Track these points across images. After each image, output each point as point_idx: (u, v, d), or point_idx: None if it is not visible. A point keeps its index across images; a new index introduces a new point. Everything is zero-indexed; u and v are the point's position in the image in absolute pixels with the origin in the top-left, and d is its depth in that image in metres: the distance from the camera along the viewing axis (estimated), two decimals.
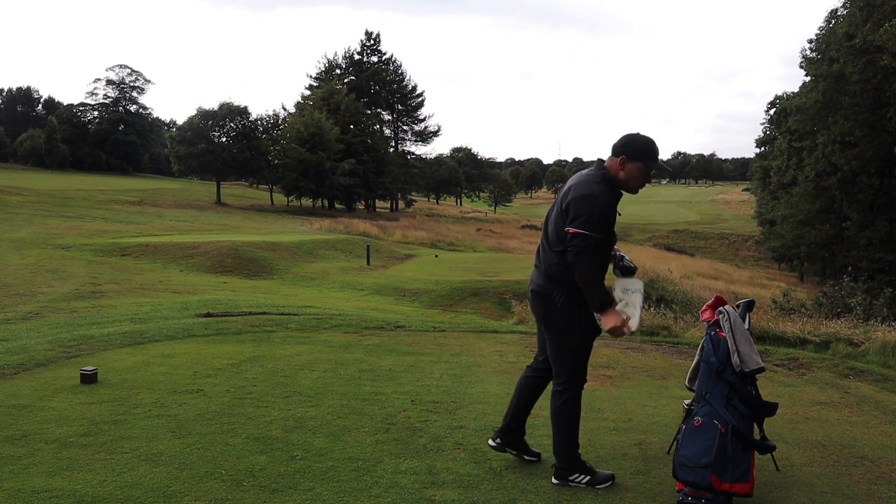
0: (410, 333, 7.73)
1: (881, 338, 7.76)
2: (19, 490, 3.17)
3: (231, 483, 3.34)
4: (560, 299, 3.26)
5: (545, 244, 3.36)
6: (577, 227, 3.05)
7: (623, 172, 3.21)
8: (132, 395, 4.73)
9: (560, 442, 3.38)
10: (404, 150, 72.64)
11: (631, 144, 3.19)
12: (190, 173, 58.32)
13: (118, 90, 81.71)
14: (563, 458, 3.39)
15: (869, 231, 34.99)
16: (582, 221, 3.05)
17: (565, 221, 3.15)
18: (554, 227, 3.27)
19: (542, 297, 3.33)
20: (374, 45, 68.85)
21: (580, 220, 3.05)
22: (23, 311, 10.23)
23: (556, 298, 3.27)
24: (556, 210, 3.30)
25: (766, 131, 58.70)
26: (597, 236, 3.06)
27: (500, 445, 3.63)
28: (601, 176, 3.20)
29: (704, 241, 70.29)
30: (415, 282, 18.15)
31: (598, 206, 3.08)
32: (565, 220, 3.16)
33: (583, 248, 3.03)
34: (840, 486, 3.54)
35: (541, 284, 3.34)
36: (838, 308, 15.89)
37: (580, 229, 3.04)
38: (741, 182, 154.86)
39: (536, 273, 3.41)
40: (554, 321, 3.32)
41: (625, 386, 5.52)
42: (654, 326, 9.17)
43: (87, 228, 25.93)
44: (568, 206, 3.13)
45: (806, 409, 4.99)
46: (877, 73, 30.60)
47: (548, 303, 3.31)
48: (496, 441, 3.63)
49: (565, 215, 3.15)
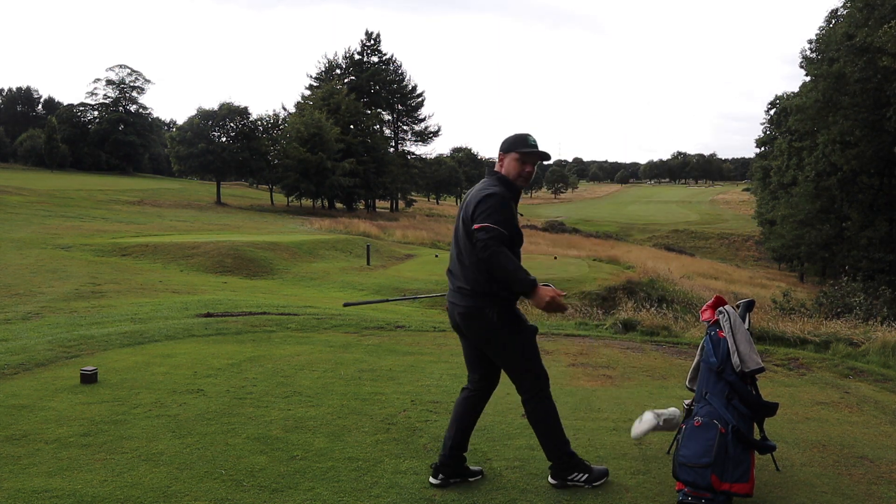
0: (410, 333, 7.73)
1: (881, 338, 7.75)
2: (19, 490, 3.17)
3: (231, 483, 3.34)
4: (494, 314, 3.19)
5: (462, 263, 3.25)
6: (481, 221, 3.07)
7: (504, 168, 3.33)
8: (132, 395, 4.73)
9: (549, 444, 3.37)
10: (404, 150, 72.64)
11: (504, 141, 3.37)
12: (190, 173, 58.31)
13: (118, 90, 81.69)
14: (558, 457, 3.37)
15: (869, 231, 34.99)
16: (486, 216, 3.08)
17: (470, 231, 3.15)
18: (465, 242, 3.21)
19: (474, 318, 3.23)
20: (375, 45, 68.85)
21: (483, 215, 3.09)
22: (23, 311, 10.22)
23: (489, 315, 3.19)
24: (461, 226, 3.26)
25: (766, 131, 58.75)
26: (501, 230, 3.06)
27: (444, 481, 3.36)
28: (496, 179, 3.30)
29: (704, 241, 70.30)
30: (415, 282, 18.15)
31: (498, 203, 3.13)
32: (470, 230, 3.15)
33: (490, 239, 3.03)
34: (840, 486, 3.53)
35: (470, 306, 3.22)
36: (838, 308, 15.88)
37: (485, 223, 3.06)
38: (741, 182, 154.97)
39: (459, 296, 3.26)
40: (495, 338, 3.25)
41: (625, 386, 5.52)
42: (654, 326, 9.16)
43: (87, 228, 25.92)
44: (472, 211, 3.15)
45: (806, 409, 4.99)
46: (877, 73, 30.60)
47: (482, 322, 3.21)
48: (439, 478, 3.36)
49: (471, 221, 3.15)
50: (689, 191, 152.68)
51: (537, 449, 3.91)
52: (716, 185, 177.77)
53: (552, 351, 6.90)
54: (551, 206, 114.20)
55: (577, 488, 3.37)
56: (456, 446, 3.40)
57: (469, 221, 3.17)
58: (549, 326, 9.51)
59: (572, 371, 6.01)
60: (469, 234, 3.15)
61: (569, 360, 6.45)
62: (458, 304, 3.27)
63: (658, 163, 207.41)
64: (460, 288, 3.26)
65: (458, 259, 3.29)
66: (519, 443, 4.02)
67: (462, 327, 3.32)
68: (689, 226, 79.66)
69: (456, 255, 3.32)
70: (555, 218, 77.74)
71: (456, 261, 3.31)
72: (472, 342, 3.38)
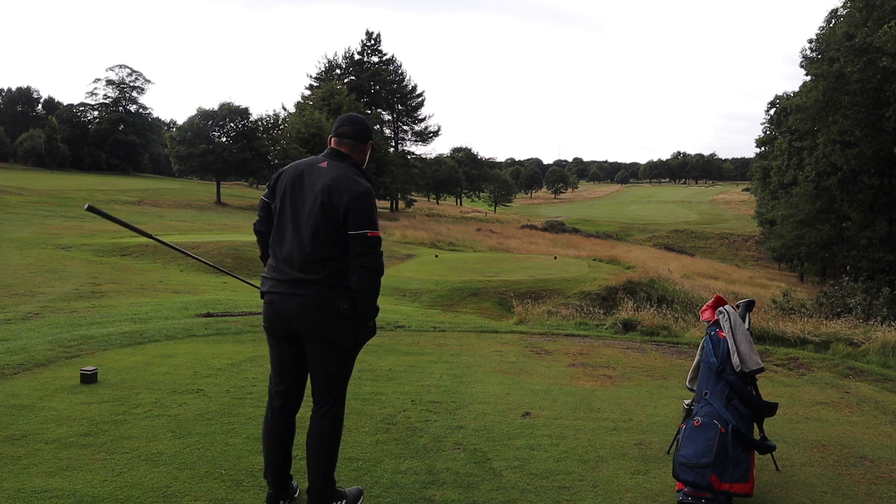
0: (410, 333, 7.72)
1: (881, 338, 7.76)
2: (19, 490, 3.16)
3: (231, 483, 3.34)
4: (345, 307, 2.87)
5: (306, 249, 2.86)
6: (371, 228, 2.83)
7: (359, 156, 3.04)
8: (132, 395, 4.73)
9: (328, 469, 3.01)
10: (404, 150, 72.65)
11: (364, 127, 3.05)
12: (190, 173, 58.27)
13: (118, 90, 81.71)
14: (329, 486, 3.02)
15: (869, 231, 34.97)
16: (371, 222, 2.85)
17: (336, 223, 2.83)
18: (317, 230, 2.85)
19: (321, 309, 2.85)
20: (375, 45, 68.87)
21: (370, 221, 2.84)
22: (23, 311, 10.22)
23: (341, 307, 2.87)
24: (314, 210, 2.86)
25: (766, 131, 58.72)
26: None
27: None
28: (358, 170, 2.98)
29: (704, 241, 70.29)
30: (415, 282, 18.15)
31: (374, 202, 2.92)
32: (336, 221, 2.83)
33: (378, 248, 2.84)
34: (840, 486, 3.54)
35: (318, 295, 2.85)
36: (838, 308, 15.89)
37: (377, 231, 2.85)
38: (741, 182, 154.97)
39: (300, 286, 2.86)
40: (339, 333, 2.91)
41: (625, 386, 5.52)
42: (654, 326, 9.16)
43: (87, 228, 25.92)
44: (345, 209, 2.81)
45: (806, 409, 4.99)
46: (877, 73, 30.58)
47: (330, 314, 2.86)
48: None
49: (342, 218, 2.82)
50: (689, 191, 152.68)
51: (537, 449, 3.92)
52: (716, 185, 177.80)
53: (552, 351, 6.91)
54: (551, 206, 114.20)
55: (576, 488, 3.37)
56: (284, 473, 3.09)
57: (336, 213, 2.82)
58: (549, 327, 9.51)
59: (572, 371, 6.01)
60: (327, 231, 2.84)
61: (569, 360, 6.45)
62: (297, 294, 2.86)
63: (658, 163, 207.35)
64: (300, 279, 2.86)
65: (300, 245, 2.87)
66: (519, 443, 4.02)
67: (300, 319, 2.87)
68: (689, 226, 79.65)
69: (297, 241, 2.88)
70: (555, 218, 77.74)
71: (295, 246, 2.88)
72: (294, 343, 2.97)
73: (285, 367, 3.05)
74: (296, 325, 2.91)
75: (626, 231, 73.63)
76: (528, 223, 63.37)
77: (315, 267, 2.87)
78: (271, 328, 3.00)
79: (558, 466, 3.66)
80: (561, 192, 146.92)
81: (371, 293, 2.88)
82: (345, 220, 2.83)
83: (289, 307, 2.90)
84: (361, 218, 2.82)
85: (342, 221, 2.83)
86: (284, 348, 3.01)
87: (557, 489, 3.37)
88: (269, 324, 3.00)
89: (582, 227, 68.04)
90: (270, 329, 3.01)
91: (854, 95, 32.39)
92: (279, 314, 2.94)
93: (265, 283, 3.04)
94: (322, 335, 2.90)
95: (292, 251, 2.91)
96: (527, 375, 5.78)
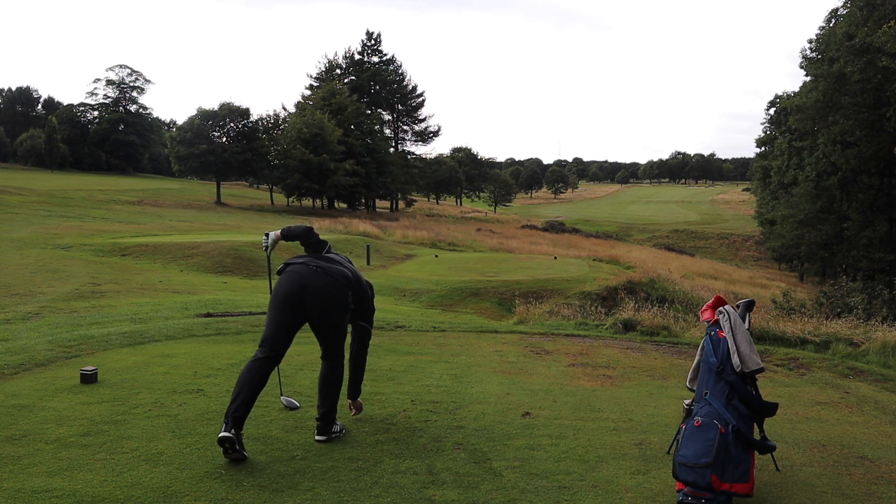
0: (410, 333, 7.72)
1: (881, 338, 7.76)
2: (19, 490, 3.16)
3: (231, 483, 3.34)
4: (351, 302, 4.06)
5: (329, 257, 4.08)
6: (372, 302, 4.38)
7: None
8: (132, 395, 4.73)
9: (332, 403, 3.97)
10: (404, 150, 72.66)
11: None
12: (190, 173, 58.33)
13: (118, 90, 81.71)
14: (332, 411, 3.97)
15: (869, 231, 34.99)
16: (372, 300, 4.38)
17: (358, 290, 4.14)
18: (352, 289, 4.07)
19: (344, 290, 3.93)
20: (375, 45, 68.86)
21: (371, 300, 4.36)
22: (23, 311, 10.22)
23: (350, 300, 4.02)
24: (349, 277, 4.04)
25: (766, 131, 58.72)
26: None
27: (240, 452, 3.55)
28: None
29: (704, 241, 70.31)
30: (415, 282, 18.15)
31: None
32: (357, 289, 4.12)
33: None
34: (840, 486, 3.54)
35: (345, 278, 3.95)
36: (838, 308, 15.89)
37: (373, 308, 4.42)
38: (741, 182, 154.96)
39: (340, 277, 3.92)
40: (345, 310, 3.99)
41: (625, 386, 5.52)
42: (655, 326, 9.16)
43: (87, 228, 25.91)
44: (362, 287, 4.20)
45: (806, 409, 4.99)
46: (877, 73, 30.58)
47: (346, 296, 3.95)
48: (232, 433, 3.52)
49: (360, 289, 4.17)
50: (689, 191, 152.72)
51: (537, 449, 3.92)
52: (716, 185, 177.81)
53: (552, 351, 6.91)
54: (551, 206, 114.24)
55: (576, 488, 3.37)
56: (248, 407, 3.67)
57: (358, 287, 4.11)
58: (549, 327, 9.51)
59: (572, 371, 6.01)
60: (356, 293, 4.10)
61: (569, 360, 6.45)
62: (331, 275, 3.88)
63: (658, 163, 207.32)
64: (340, 264, 4.04)
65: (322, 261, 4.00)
66: (519, 443, 4.02)
67: (322, 297, 3.84)
68: (689, 226, 79.68)
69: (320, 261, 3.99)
70: (555, 218, 77.77)
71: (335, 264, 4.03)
72: (303, 312, 3.84)
73: (281, 327, 3.90)
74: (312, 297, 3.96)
75: (626, 231, 73.65)
76: (528, 223, 63.40)
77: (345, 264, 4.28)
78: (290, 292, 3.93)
79: (558, 466, 3.66)
80: (561, 192, 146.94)
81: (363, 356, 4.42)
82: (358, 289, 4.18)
83: (307, 277, 3.96)
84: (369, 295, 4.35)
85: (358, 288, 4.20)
86: (293, 309, 3.96)
87: (557, 489, 3.37)
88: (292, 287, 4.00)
89: (582, 227, 68.06)
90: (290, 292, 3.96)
91: (854, 95, 32.39)
92: (297, 282, 3.92)
93: None
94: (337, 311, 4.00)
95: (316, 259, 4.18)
96: (527, 375, 5.78)
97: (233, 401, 3.64)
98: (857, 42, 30.88)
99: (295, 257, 4.00)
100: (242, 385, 3.68)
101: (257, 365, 3.75)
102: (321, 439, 3.93)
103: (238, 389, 3.67)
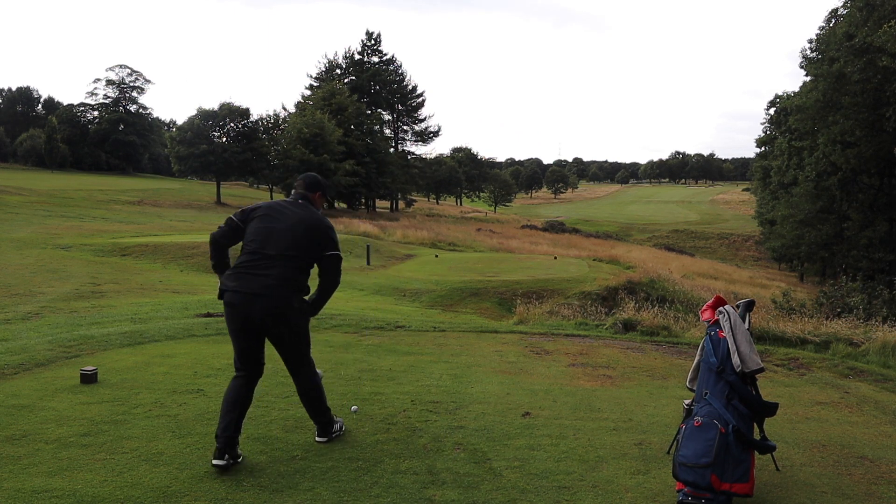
0: (410, 333, 7.72)
1: (881, 338, 7.76)
2: (19, 490, 3.17)
3: (231, 483, 3.34)
4: (298, 303, 3.74)
5: (276, 262, 3.68)
6: (336, 249, 3.87)
7: (318, 204, 4.06)
8: (132, 395, 4.73)
9: (324, 409, 3.95)
10: (404, 150, 72.63)
11: (320, 183, 4.11)
12: (190, 173, 58.28)
13: (118, 90, 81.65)
14: (327, 415, 3.97)
15: (869, 231, 34.97)
16: (336, 245, 3.89)
17: (313, 246, 3.78)
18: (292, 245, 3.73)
19: (285, 308, 3.68)
20: (375, 45, 68.82)
21: (335, 244, 3.88)
22: (23, 311, 10.22)
23: (295, 304, 3.72)
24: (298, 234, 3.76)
25: (766, 131, 58.70)
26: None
27: (229, 462, 3.52)
28: (313, 208, 3.97)
29: (704, 241, 70.29)
30: (415, 282, 18.14)
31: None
32: (312, 245, 3.78)
33: (339, 265, 3.89)
34: (840, 486, 3.54)
35: (282, 297, 3.67)
36: (838, 308, 15.87)
37: (339, 251, 3.89)
38: (741, 182, 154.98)
39: (271, 288, 3.64)
40: (298, 326, 3.78)
41: (625, 386, 5.52)
42: (655, 326, 9.16)
43: (87, 228, 25.92)
44: (319, 236, 3.81)
45: (806, 409, 4.99)
46: (877, 73, 30.57)
47: (290, 311, 3.71)
48: (226, 460, 3.50)
49: (315, 243, 3.78)
50: (689, 191, 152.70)
51: (537, 449, 3.92)
52: (716, 185, 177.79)
53: (552, 351, 6.91)
54: (551, 206, 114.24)
55: (576, 488, 3.37)
56: (237, 428, 3.62)
57: (316, 241, 3.79)
58: (549, 327, 9.51)
59: (572, 371, 6.01)
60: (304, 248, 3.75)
61: (569, 360, 6.45)
62: (267, 297, 3.63)
63: (658, 163, 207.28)
64: (275, 285, 3.65)
65: (270, 257, 3.69)
66: (519, 443, 4.02)
67: (266, 319, 3.65)
68: (689, 226, 79.66)
69: (266, 254, 3.70)
70: (555, 218, 77.77)
71: (264, 259, 3.69)
72: (260, 334, 3.72)
73: (244, 350, 3.80)
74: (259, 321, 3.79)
75: (626, 231, 73.65)
76: (528, 223, 63.39)
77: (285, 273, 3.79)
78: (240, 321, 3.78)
79: (558, 466, 3.66)
80: (561, 192, 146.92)
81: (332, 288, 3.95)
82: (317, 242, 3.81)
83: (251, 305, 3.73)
84: (331, 241, 3.86)
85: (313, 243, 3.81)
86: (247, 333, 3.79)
87: (557, 489, 3.37)
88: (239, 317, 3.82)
89: (582, 227, 68.05)
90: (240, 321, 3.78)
91: (854, 95, 32.38)
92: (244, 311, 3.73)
93: None
94: (289, 329, 3.82)
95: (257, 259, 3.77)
96: (527, 375, 5.78)
97: (221, 418, 3.59)
98: (857, 42, 30.87)
99: (227, 274, 3.75)
100: (230, 405, 3.63)
101: (238, 383, 3.72)
102: (322, 440, 3.95)
103: (226, 409, 3.62)
